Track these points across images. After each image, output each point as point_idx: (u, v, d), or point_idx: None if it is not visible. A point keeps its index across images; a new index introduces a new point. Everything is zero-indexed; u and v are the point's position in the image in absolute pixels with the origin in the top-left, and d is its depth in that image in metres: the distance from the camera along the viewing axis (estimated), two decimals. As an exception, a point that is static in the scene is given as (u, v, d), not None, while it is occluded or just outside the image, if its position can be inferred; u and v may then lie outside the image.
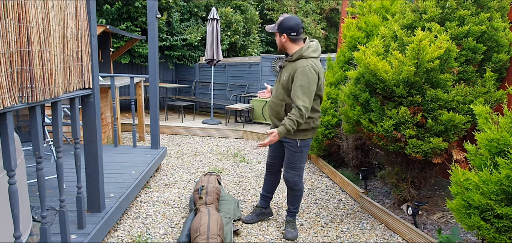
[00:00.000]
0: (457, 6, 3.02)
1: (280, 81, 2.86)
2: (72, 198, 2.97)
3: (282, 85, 2.82)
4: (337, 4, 13.33)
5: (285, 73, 2.80)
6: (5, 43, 1.66)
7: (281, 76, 2.86)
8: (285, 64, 2.85)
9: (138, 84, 6.43)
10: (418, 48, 2.74)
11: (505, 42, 2.99)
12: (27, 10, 1.79)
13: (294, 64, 2.75)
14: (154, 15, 4.51)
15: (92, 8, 2.49)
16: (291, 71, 2.74)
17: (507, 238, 2.02)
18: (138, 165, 4.11)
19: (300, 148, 2.87)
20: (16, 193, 1.81)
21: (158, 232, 3.07)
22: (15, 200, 1.81)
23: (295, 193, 3.05)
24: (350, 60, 4.64)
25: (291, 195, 3.08)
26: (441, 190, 3.83)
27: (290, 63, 2.81)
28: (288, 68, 2.79)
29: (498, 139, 2.07)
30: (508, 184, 1.94)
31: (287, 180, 2.99)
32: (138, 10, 8.28)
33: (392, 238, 3.11)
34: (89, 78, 2.53)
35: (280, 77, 2.88)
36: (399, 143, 3.00)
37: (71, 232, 2.48)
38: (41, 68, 1.94)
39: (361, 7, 4.66)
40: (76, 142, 2.43)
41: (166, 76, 10.30)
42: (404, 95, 2.92)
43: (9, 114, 1.73)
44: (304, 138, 2.86)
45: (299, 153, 2.89)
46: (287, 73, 2.78)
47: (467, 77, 2.99)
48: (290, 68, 2.77)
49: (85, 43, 2.45)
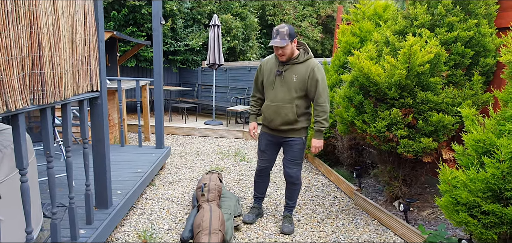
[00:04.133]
0: (446, 13, 3.03)
1: (287, 84, 2.78)
2: (80, 195, 2.98)
3: (294, 89, 2.77)
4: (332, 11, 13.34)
5: (295, 75, 2.75)
6: (18, 48, 1.67)
7: (287, 79, 2.78)
8: (288, 68, 2.79)
9: (144, 87, 6.43)
10: (409, 53, 2.75)
11: (492, 47, 3.00)
12: (38, 17, 1.80)
13: (306, 65, 2.76)
14: (158, 22, 4.51)
15: (100, 14, 2.49)
16: (306, 72, 2.74)
17: (493, 233, 2.03)
18: (143, 163, 4.11)
19: (304, 144, 2.96)
20: (27, 190, 1.81)
21: (162, 228, 3.07)
22: (26, 197, 1.81)
23: (296, 187, 3.06)
24: (344, 64, 4.64)
25: (292, 189, 3.09)
26: (431, 187, 3.83)
27: (297, 65, 2.77)
28: (297, 71, 2.76)
29: (484, 139, 2.08)
30: (494, 182, 1.95)
31: (291, 175, 2.98)
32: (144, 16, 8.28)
33: (385, 233, 3.11)
34: (97, 81, 2.53)
35: (285, 80, 2.79)
36: (391, 142, 3.00)
37: (80, 227, 2.48)
38: (51, 72, 1.94)
39: (355, 14, 4.66)
40: (84, 142, 2.43)
41: (170, 80, 10.30)
42: (396, 98, 2.93)
43: (21, 115, 1.73)
44: (307, 135, 2.97)
45: (303, 149, 2.97)
46: (298, 75, 2.75)
47: (456, 80, 2.99)
48: (303, 70, 2.75)
49: (93, 48, 2.46)
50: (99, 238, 2.47)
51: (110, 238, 2.86)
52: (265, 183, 3.28)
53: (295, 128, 2.87)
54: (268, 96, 2.90)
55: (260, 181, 3.25)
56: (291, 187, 3.08)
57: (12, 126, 1.73)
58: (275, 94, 2.84)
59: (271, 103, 2.86)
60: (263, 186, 3.28)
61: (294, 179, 3.01)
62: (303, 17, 12.97)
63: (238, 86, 8.98)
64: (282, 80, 2.80)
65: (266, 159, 3.11)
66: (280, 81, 2.81)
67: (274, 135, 2.99)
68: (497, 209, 1.95)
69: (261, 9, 12.71)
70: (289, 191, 3.12)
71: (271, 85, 2.87)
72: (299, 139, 2.90)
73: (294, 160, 2.96)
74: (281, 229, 3.07)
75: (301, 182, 3.09)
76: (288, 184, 3.08)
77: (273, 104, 2.84)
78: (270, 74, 2.89)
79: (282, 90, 2.80)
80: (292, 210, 3.18)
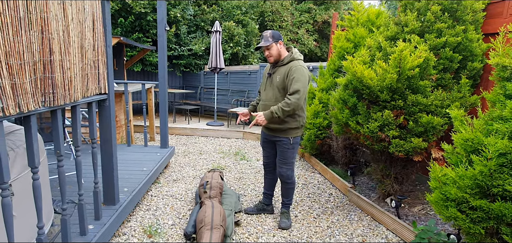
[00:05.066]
0: (435, 19, 3.03)
1: (272, 84, 2.86)
2: (89, 192, 2.98)
3: (277, 88, 2.83)
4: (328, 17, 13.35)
5: (278, 76, 2.82)
6: (30, 53, 1.67)
7: (274, 80, 2.86)
8: (276, 70, 2.87)
9: (149, 90, 6.43)
10: (400, 58, 2.75)
11: (479, 52, 3.00)
12: (49, 24, 1.80)
13: (288, 66, 2.79)
14: (163, 28, 4.51)
15: (107, 21, 2.49)
16: (286, 71, 2.77)
17: (481, 228, 2.03)
18: (149, 162, 4.11)
19: (292, 145, 2.90)
20: (39, 187, 1.81)
21: (167, 223, 3.06)
22: (38, 194, 1.81)
23: (288, 186, 3.05)
24: (339, 68, 4.64)
25: (285, 188, 3.08)
26: (422, 185, 3.83)
27: (281, 67, 2.84)
28: (280, 71, 2.82)
29: (473, 138, 2.08)
30: (481, 179, 1.95)
31: (281, 174, 3.00)
32: (149, 23, 8.27)
33: (377, 228, 3.11)
34: (105, 84, 2.53)
35: (272, 81, 2.88)
36: (384, 142, 3.00)
37: (89, 222, 2.48)
38: (61, 76, 1.94)
39: (350, 21, 4.67)
40: (93, 142, 2.43)
41: (174, 83, 10.29)
42: (387, 100, 2.93)
43: (33, 117, 1.73)
44: (295, 135, 2.90)
45: (291, 149, 2.92)
46: (280, 75, 2.81)
47: (445, 83, 2.99)
48: (284, 70, 2.80)
49: (102, 53, 2.46)
50: (107, 232, 2.47)
51: (117, 232, 2.85)
52: (270, 179, 3.28)
53: (282, 128, 2.86)
54: (261, 96, 3.04)
55: (266, 177, 3.31)
56: (284, 186, 3.08)
57: (25, 126, 1.73)
58: (265, 94, 2.95)
59: (262, 102, 2.98)
60: (268, 181, 3.30)
61: (285, 178, 3.00)
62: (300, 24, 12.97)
63: (238, 89, 8.98)
64: (271, 81, 2.90)
65: (265, 156, 3.20)
66: (269, 83, 2.93)
67: (267, 133, 3.05)
68: (485, 204, 1.95)
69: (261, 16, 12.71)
70: (283, 189, 3.12)
71: (263, 86, 3.01)
72: (286, 139, 2.88)
73: (283, 159, 2.95)
74: (278, 225, 3.07)
75: (293, 181, 3.05)
76: (281, 183, 3.09)
77: (264, 103, 2.96)
78: (264, 77, 3.04)
79: (270, 90, 2.90)
80: (288, 206, 3.17)
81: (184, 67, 9.54)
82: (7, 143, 1.95)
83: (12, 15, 1.54)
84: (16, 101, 1.59)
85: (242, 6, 10.79)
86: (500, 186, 1.90)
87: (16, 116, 1.61)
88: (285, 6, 12.96)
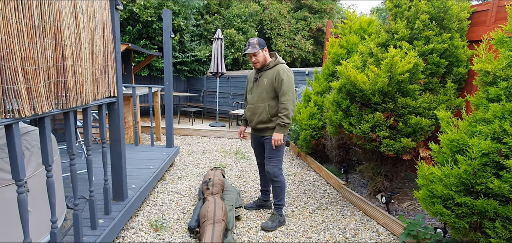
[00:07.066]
0: (423, 27, 3.04)
1: (260, 87, 2.86)
2: (99, 189, 2.98)
3: (265, 90, 2.82)
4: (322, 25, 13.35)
5: (266, 79, 2.83)
6: (44, 59, 1.67)
7: (260, 83, 2.86)
8: (262, 74, 2.88)
9: (155, 93, 6.43)
10: (391, 63, 2.75)
11: (464, 58, 3.01)
12: (62, 31, 1.80)
13: (274, 69, 2.82)
14: (168, 36, 4.52)
15: (116, 29, 2.49)
16: (274, 74, 2.79)
17: (465, 222, 2.03)
18: (155, 161, 4.11)
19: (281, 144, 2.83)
20: (53, 184, 1.81)
21: (172, 217, 3.06)
22: (52, 190, 1.81)
23: (275, 184, 2.93)
24: (333, 73, 4.64)
25: (273, 187, 2.97)
26: (410, 182, 3.83)
27: (268, 70, 2.85)
28: (267, 75, 2.83)
29: (458, 139, 2.08)
30: (466, 177, 1.95)
31: (268, 172, 2.90)
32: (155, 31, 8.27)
33: (369, 222, 3.11)
34: (114, 88, 2.53)
35: (259, 84, 2.87)
36: (375, 142, 3.01)
37: (99, 217, 2.48)
38: (73, 80, 1.94)
39: (343, 28, 4.67)
40: (103, 142, 2.43)
41: (179, 87, 10.29)
42: (379, 103, 2.93)
43: (47, 118, 1.73)
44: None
45: (279, 147, 2.85)
46: (267, 78, 2.82)
47: (432, 87, 3.00)
48: (271, 73, 2.81)
49: (111, 59, 2.46)
50: (116, 226, 2.47)
51: (126, 226, 2.85)
52: (265, 177, 3.27)
53: (270, 127, 2.86)
54: (248, 100, 3.03)
55: (261, 175, 3.30)
56: (272, 184, 2.96)
57: (39, 127, 1.73)
58: (252, 97, 2.94)
59: (249, 105, 2.97)
60: (263, 179, 3.30)
61: (272, 176, 2.90)
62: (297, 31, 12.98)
63: (239, 92, 8.98)
64: (258, 85, 2.90)
65: (257, 156, 3.21)
66: (256, 86, 2.92)
67: (255, 134, 3.05)
68: (469, 201, 1.95)
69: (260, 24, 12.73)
70: (272, 189, 3.00)
71: (250, 90, 3.00)
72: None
73: (269, 157, 2.88)
74: (261, 224, 2.98)
75: (280, 180, 2.92)
76: (270, 181, 2.98)
77: (251, 105, 2.94)
78: (250, 83, 3.03)
79: (257, 93, 2.88)
80: (279, 208, 3.00)
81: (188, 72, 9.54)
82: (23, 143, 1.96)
83: (27, 23, 1.54)
84: (31, 104, 1.59)
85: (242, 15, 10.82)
86: (483, 184, 1.90)
87: (31, 118, 1.61)
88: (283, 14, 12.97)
